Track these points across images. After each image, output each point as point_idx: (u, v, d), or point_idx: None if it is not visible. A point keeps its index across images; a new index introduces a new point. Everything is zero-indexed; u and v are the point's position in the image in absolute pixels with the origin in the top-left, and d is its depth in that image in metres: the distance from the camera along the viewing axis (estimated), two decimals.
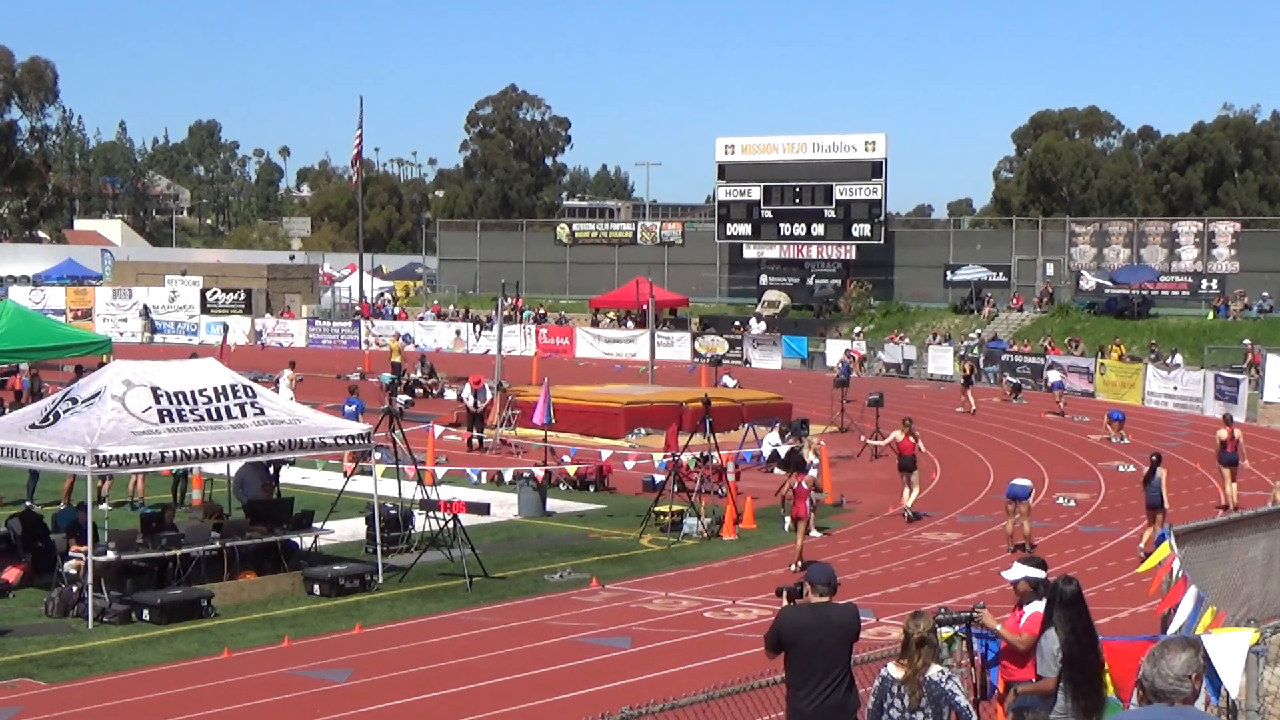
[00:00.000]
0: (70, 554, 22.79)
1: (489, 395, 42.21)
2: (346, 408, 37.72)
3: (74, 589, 22.02)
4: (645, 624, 21.66)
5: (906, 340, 70.75)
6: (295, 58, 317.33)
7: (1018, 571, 12.60)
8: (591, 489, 33.91)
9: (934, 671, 10.12)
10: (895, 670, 10.19)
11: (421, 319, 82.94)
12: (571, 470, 34.05)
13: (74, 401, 23.23)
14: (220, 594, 22.54)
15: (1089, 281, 75.57)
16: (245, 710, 17.32)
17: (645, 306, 61.80)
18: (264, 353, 63.37)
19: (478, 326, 77.54)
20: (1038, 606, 12.10)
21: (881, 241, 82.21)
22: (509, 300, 59.27)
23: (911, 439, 30.87)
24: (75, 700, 17.72)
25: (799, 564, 25.34)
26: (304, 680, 18.58)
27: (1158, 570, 13.92)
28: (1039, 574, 12.57)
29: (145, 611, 21.66)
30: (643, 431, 41.62)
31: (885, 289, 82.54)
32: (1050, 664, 11.26)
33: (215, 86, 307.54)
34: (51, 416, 23.09)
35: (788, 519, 27.91)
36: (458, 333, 77.89)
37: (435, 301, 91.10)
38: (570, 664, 19.42)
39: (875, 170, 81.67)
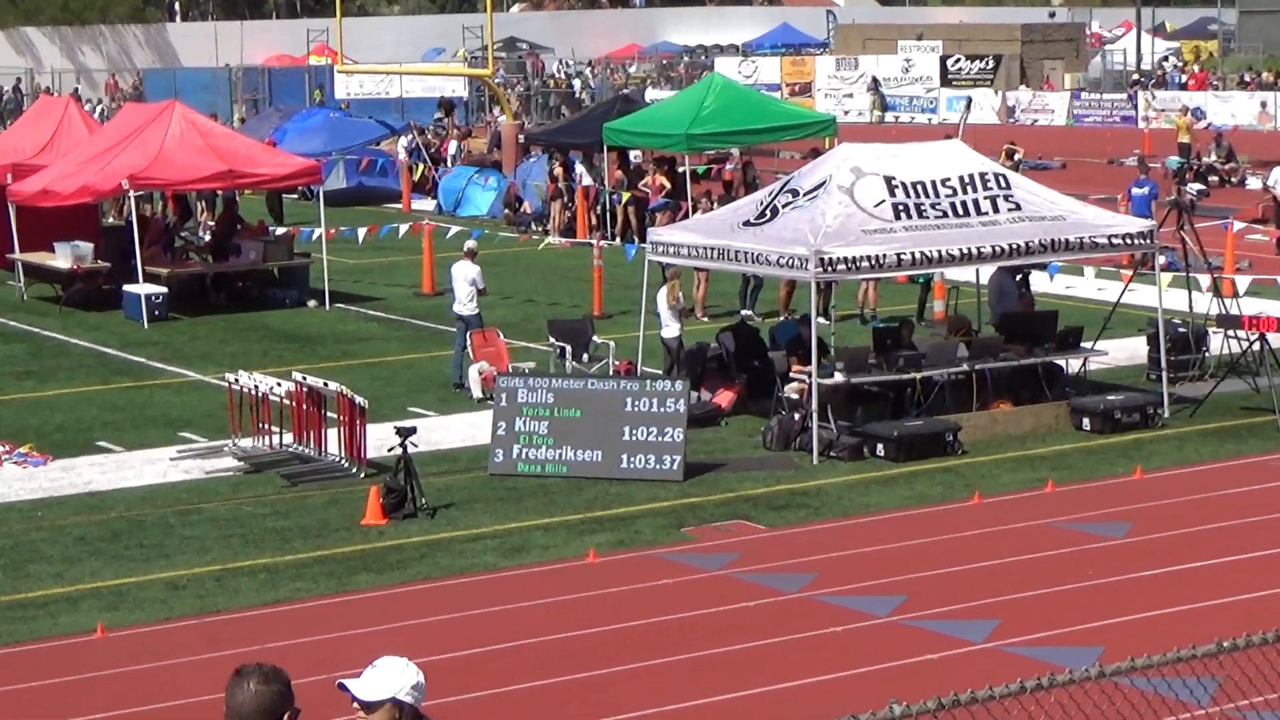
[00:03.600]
0: (791, 375, 23.64)
1: None
2: (1135, 190, 37.40)
3: (795, 417, 22.84)
4: None
5: None
6: None
7: None
8: None
9: None
10: None
11: (1216, 89, 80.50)
12: None
13: (794, 194, 23.91)
14: (969, 426, 22.82)
15: None
16: (1001, 568, 17.55)
17: None
18: (1015, 132, 63.35)
19: None
20: None
21: None
22: None
23: None
24: (797, 548, 18.46)
25: None
26: (1071, 534, 18.63)
27: None
28: None
29: (879, 446, 22.22)
30: None
31: None
32: None
33: None
34: (769, 212, 23.87)
35: None
36: (1263, 105, 75.07)
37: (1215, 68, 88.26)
38: None
39: None
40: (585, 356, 26.51)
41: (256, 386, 22.42)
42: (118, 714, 14.43)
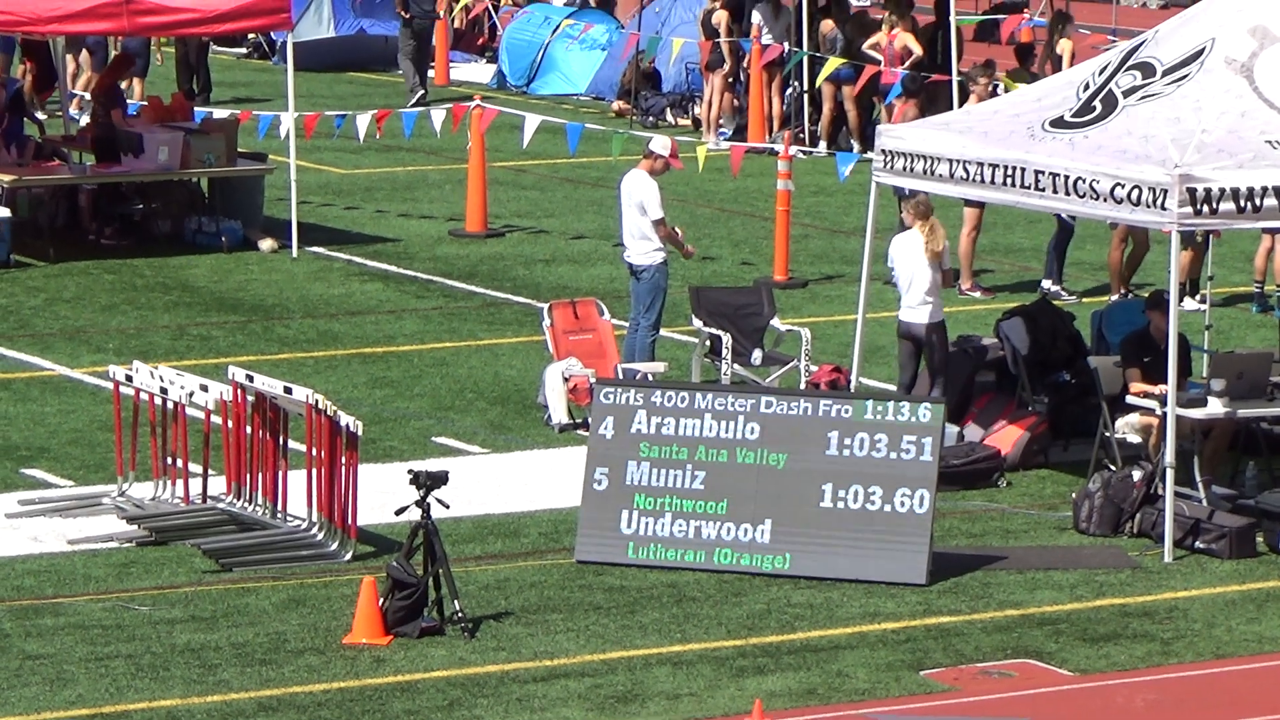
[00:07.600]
0: (1129, 400, 23.60)
1: None
2: None
3: (1135, 476, 22.80)
4: None
5: None
6: None
7: None
8: None
9: None
10: None
11: None
12: None
13: (1145, 71, 23.91)
14: None
15: None
16: None
17: None
18: None
19: None
20: None
21: None
22: None
23: None
24: (1130, 713, 18.49)
25: None
26: None
27: None
28: None
29: None
30: None
31: None
32: None
33: None
34: (1098, 103, 23.86)
35: None
36: None
37: None
38: None
39: None
40: (757, 354, 26.62)
41: (164, 390, 22.56)
42: None
